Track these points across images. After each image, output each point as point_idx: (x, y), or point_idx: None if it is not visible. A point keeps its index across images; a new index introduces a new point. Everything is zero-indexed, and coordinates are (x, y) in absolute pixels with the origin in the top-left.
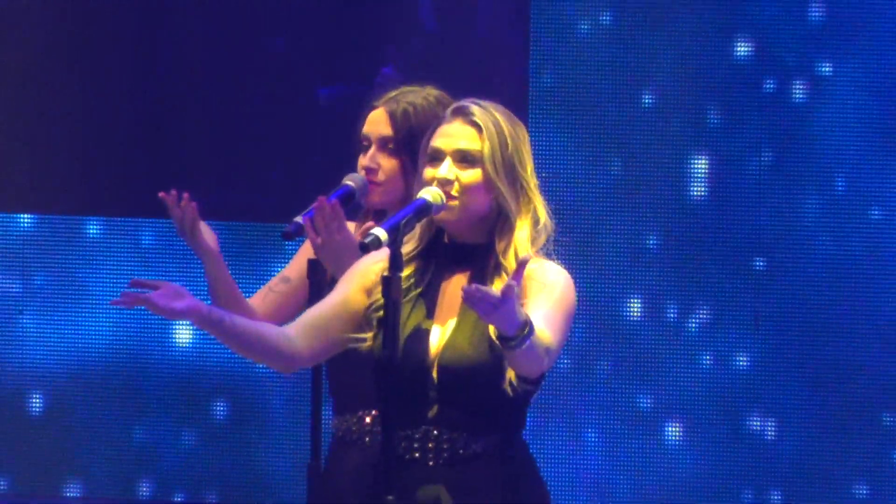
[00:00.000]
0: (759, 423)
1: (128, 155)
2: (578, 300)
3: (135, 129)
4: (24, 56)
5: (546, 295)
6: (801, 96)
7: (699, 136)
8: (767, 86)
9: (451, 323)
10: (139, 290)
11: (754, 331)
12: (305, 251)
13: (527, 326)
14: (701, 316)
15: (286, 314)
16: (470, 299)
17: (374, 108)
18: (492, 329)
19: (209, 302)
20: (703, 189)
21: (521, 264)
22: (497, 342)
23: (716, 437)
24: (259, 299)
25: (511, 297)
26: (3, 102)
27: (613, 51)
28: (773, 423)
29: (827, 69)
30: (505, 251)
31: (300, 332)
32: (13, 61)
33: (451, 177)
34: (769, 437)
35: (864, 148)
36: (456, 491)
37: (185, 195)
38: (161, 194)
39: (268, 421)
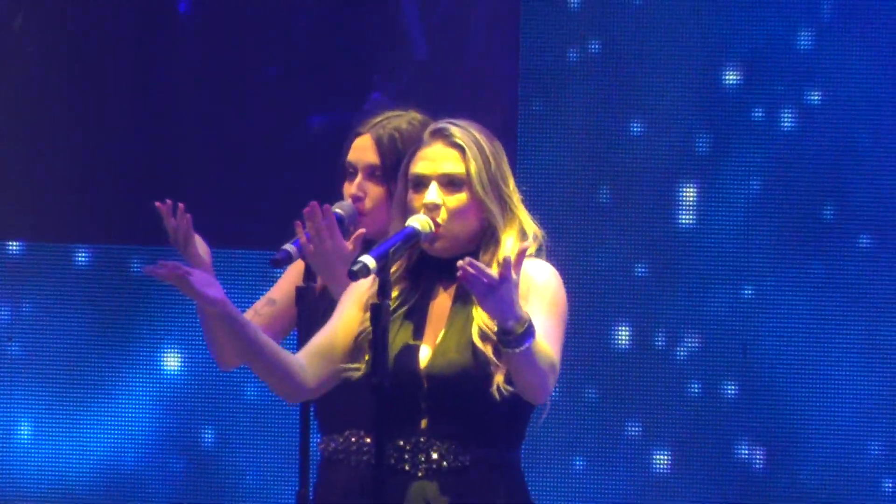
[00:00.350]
0: (747, 452)
1: (117, 182)
2: (567, 327)
3: (125, 157)
4: (16, 83)
5: (540, 303)
6: (789, 124)
7: (687, 164)
8: (756, 114)
9: (439, 335)
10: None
11: (743, 359)
12: (291, 273)
13: (526, 323)
14: (689, 344)
15: (272, 336)
16: (466, 276)
17: (358, 134)
18: (485, 322)
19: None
20: (691, 217)
21: (521, 253)
22: (497, 342)
23: (704, 466)
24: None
25: (508, 277)
26: None
27: (602, 79)
28: (762, 452)
29: (815, 98)
30: (489, 264)
31: (308, 360)
32: (4, 89)
33: (439, 202)
34: (757, 466)
35: (852, 176)
36: (442, 501)
37: (181, 206)
38: (157, 203)
39: (256, 448)
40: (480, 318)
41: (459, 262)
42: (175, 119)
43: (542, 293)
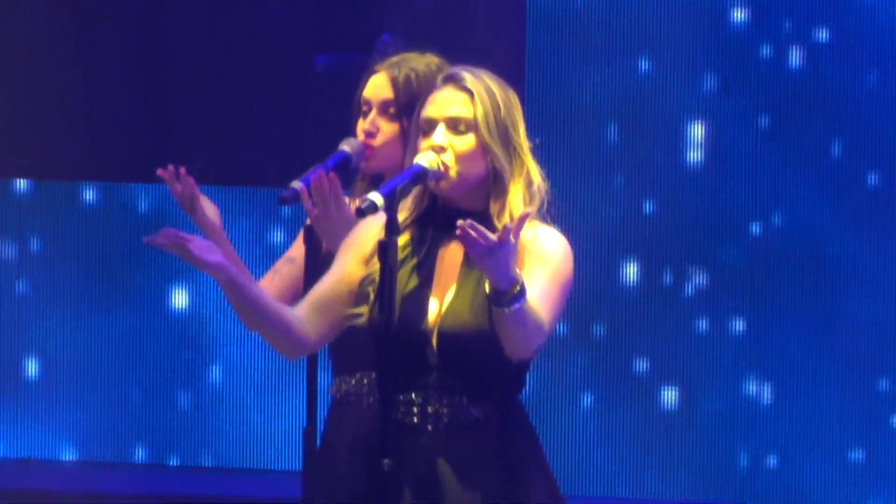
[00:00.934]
0: (755, 388)
1: (125, 121)
2: (575, 265)
3: (132, 96)
4: (22, 24)
5: (542, 268)
6: (797, 62)
7: (695, 102)
8: (764, 52)
9: (451, 291)
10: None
11: (750, 296)
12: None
13: (519, 285)
14: (697, 281)
15: (293, 295)
16: (465, 236)
17: (375, 72)
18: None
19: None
20: (699, 155)
21: (521, 219)
22: (487, 299)
23: (712, 402)
24: (266, 282)
25: (507, 242)
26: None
27: (609, 19)
28: (770, 388)
29: (823, 35)
30: (500, 214)
31: (307, 314)
32: (11, 29)
33: (445, 143)
34: (766, 402)
35: (860, 114)
36: (455, 457)
37: (182, 169)
38: (159, 171)
39: (263, 385)
40: None
41: (460, 222)
42: (183, 57)
43: (547, 260)
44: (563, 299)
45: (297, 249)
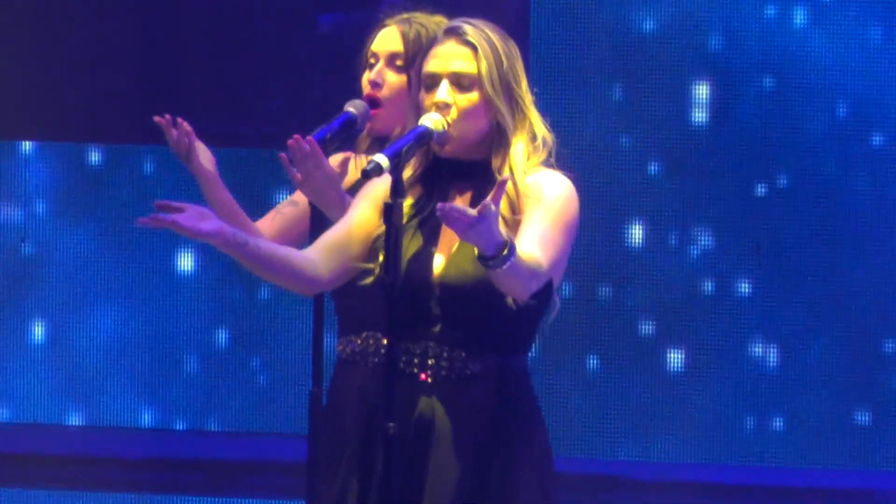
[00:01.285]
0: (761, 350)
1: (129, 83)
2: (580, 225)
3: (136, 57)
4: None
5: (543, 211)
6: (802, 21)
7: (700, 61)
8: (768, 11)
9: (455, 244)
10: (164, 213)
11: (756, 257)
12: None
13: (506, 247)
14: (702, 242)
15: (293, 236)
16: (445, 218)
17: (385, 26)
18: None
19: None
20: (704, 114)
21: (500, 186)
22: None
23: (718, 364)
24: (267, 221)
25: (487, 216)
26: (1, 31)
27: None
28: (776, 350)
29: None
30: (500, 168)
31: (320, 254)
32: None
33: (450, 100)
34: (771, 364)
35: (865, 73)
36: (450, 409)
37: (179, 119)
38: (156, 118)
39: (269, 348)
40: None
41: (438, 205)
42: (186, 18)
43: (549, 203)
44: (567, 240)
45: (301, 193)
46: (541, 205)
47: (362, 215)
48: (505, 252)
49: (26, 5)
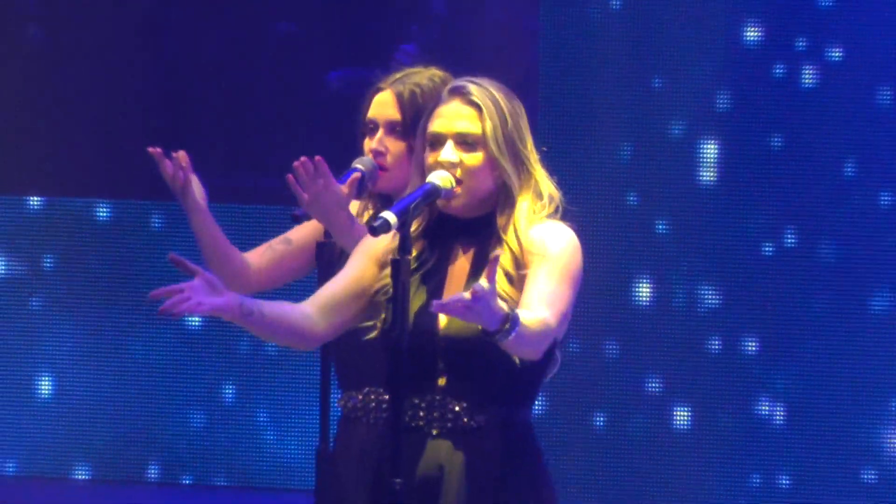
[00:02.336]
0: (767, 408)
1: (136, 138)
2: (587, 283)
3: (144, 113)
4: (35, 41)
5: (548, 268)
6: (810, 81)
7: (708, 120)
8: (777, 71)
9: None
10: (167, 287)
11: (763, 315)
12: (314, 222)
13: (508, 321)
14: (709, 300)
15: (279, 274)
16: (442, 310)
17: (379, 89)
18: (503, 288)
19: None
20: (712, 174)
21: (493, 262)
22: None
23: (724, 422)
24: (257, 255)
25: (481, 297)
26: (12, 86)
27: (623, 35)
28: (782, 408)
29: (837, 54)
30: (505, 227)
31: (318, 310)
32: (22, 46)
33: (455, 160)
34: (778, 422)
35: (873, 133)
36: (456, 461)
37: (176, 153)
38: (149, 149)
39: (276, 403)
40: (499, 284)
41: (434, 303)
42: (194, 75)
43: (555, 259)
44: (572, 293)
45: (296, 234)
46: (546, 261)
47: (360, 270)
48: (507, 326)
49: (33, 61)
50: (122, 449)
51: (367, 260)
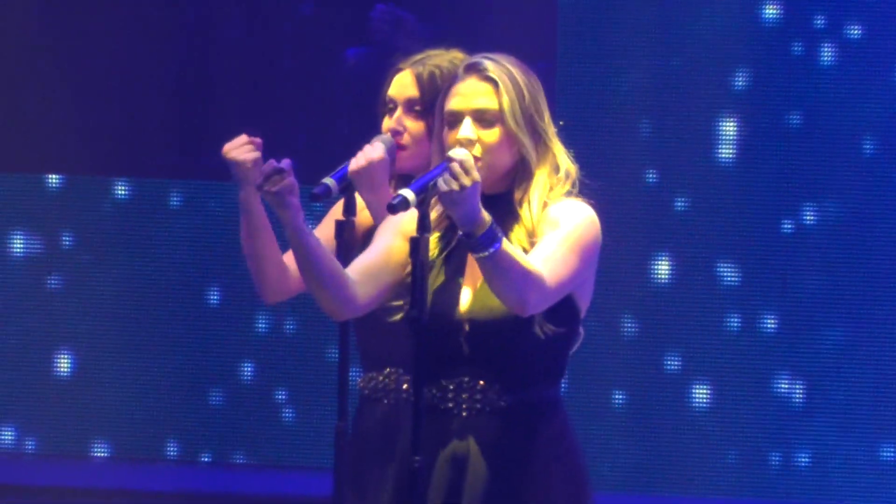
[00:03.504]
0: (787, 386)
1: (156, 117)
2: (605, 260)
3: (163, 92)
4: (54, 20)
5: (554, 233)
6: (829, 59)
7: (727, 98)
8: (796, 49)
9: (479, 280)
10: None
11: (782, 293)
12: (334, 214)
13: (487, 227)
14: (728, 278)
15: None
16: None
17: (399, 70)
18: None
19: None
20: (731, 151)
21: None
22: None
23: (744, 400)
24: (289, 257)
25: (464, 186)
26: (31, 63)
27: (642, 13)
28: (801, 386)
29: (855, 32)
30: (521, 201)
31: (358, 279)
32: (43, 26)
33: (474, 137)
34: (797, 400)
35: (891, 110)
36: (488, 443)
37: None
38: (251, 139)
39: (295, 381)
40: None
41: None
42: (213, 54)
43: (563, 227)
44: (579, 262)
45: (321, 231)
46: (553, 225)
47: (388, 242)
48: (484, 231)
49: (51, 37)
50: (142, 427)
51: (395, 234)
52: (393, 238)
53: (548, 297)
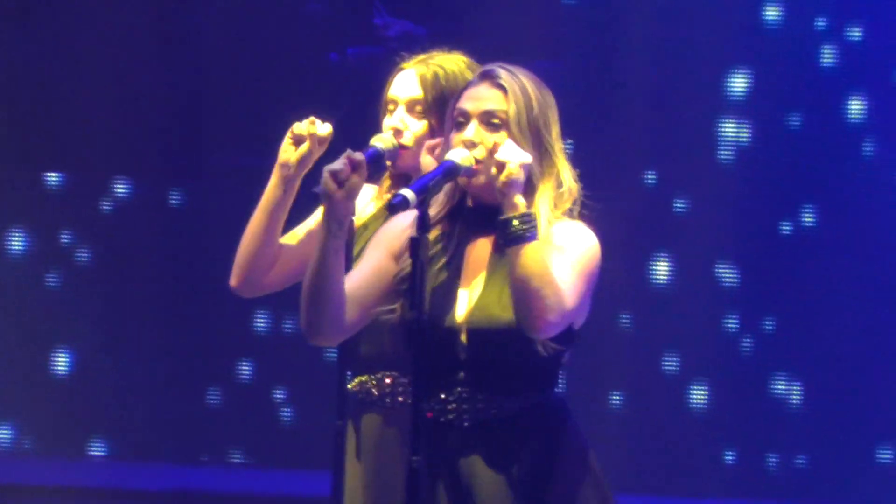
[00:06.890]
0: (784, 387)
1: (157, 116)
2: (605, 260)
3: (165, 92)
4: (53, 20)
5: (563, 258)
6: (829, 61)
7: (727, 99)
8: (796, 49)
9: (479, 286)
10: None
11: (781, 294)
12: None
13: (524, 215)
14: (727, 279)
15: (297, 266)
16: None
17: (401, 69)
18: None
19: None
20: (731, 152)
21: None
22: (500, 240)
23: (742, 401)
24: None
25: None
26: (32, 63)
27: (644, 14)
28: (799, 388)
29: (856, 34)
30: None
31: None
32: (40, 26)
33: (478, 140)
34: (794, 402)
35: (892, 112)
36: (489, 452)
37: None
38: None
39: (293, 381)
40: None
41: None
42: (213, 55)
43: (570, 252)
44: (584, 288)
45: (305, 226)
46: (558, 250)
47: (377, 263)
48: (517, 215)
49: (55, 40)
50: (139, 426)
51: (383, 253)
52: (379, 256)
53: (563, 320)
